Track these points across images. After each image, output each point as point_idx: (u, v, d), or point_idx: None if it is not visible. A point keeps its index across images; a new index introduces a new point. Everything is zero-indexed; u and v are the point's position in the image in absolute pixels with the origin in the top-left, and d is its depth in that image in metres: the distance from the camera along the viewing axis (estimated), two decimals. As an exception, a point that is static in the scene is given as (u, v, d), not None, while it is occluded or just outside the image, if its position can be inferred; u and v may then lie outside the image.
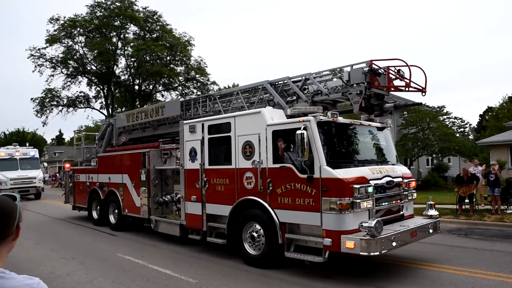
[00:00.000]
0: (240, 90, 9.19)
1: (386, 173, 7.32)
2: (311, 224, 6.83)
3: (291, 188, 7.01)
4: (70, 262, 8.16)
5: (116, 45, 38.52)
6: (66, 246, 9.96)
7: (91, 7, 36.91)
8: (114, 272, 7.42)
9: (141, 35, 39.36)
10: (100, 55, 36.46)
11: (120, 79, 40.49)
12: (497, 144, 25.08)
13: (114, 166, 11.89)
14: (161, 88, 42.57)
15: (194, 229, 9.03)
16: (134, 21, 37.70)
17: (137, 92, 41.39)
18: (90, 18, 37.17)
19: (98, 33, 38.01)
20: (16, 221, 1.48)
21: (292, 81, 8.30)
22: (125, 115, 12.58)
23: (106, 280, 6.90)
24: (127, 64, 39.49)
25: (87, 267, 7.81)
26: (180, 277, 6.95)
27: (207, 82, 41.21)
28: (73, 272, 7.43)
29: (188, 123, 9.10)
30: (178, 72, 40.76)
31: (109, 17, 36.97)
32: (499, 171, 14.21)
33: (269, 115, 7.56)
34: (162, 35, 39.03)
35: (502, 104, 47.16)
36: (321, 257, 6.63)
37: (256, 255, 7.61)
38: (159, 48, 36.48)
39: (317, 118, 6.81)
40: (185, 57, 39.75)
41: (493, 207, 13.22)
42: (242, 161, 7.83)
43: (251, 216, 7.73)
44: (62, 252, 9.21)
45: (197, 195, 8.79)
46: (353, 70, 7.41)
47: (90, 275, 7.18)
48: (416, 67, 7.14)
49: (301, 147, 6.55)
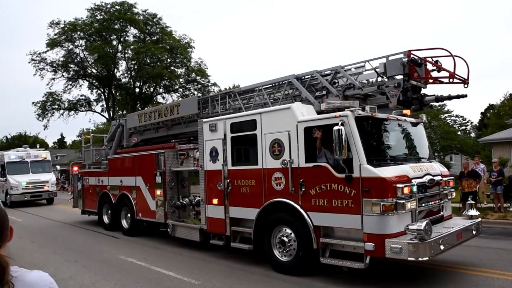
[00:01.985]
0: (262, 86, 8.67)
1: (427, 171, 6.83)
2: (350, 227, 6.32)
3: (327, 189, 6.50)
4: (73, 265, 8.12)
5: (116, 48, 38.49)
6: (69, 249, 9.88)
7: (91, 10, 36.87)
8: (117, 274, 7.39)
9: (141, 38, 39.34)
10: (101, 59, 36.43)
11: (120, 82, 40.56)
12: (499, 141, 24.78)
13: (126, 168, 11.37)
14: (161, 91, 42.64)
15: (215, 234, 8.52)
16: (134, 24, 37.66)
17: (138, 94, 41.36)
18: (90, 22, 37.10)
19: (98, 36, 37.90)
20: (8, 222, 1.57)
21: (320, 75, 7.79)
22: (137, 115, 12.04)
23: (109, 282, 6.86)
24: (128, 67, 39.47)
25: (89, 269, 7.76)
26: (182, 279, 6.90)
27: (207, 83, 41.23)
28: (76, 275, 7.38)
29: (208, 121, 8.59)
30: (179, 74, 40.78)
31: (109, 20, 36.91)
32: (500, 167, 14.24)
33: (300, 111, 7.05)
34: (162, 37, 38.99)
35: (504, 102, 46.72)
36: (362, 263, 6.12)
37: (287, 261, 7.09)
38: (159, 50, 36.44)
39: (356, 113, 6.31)
40: (186, 59, 39.81)
41: (495, 205, 13.19)
42: (270, 161, 7.31)
43: (281, 220, 7.21)
44: (65, 255, 9.17)
45: (219, 198, 8.27)
46: (390, 61, 6.91)
47: (93, 278, 7.14)
48: (458, 58, 6.63)
49: (339, 144, 6.05)
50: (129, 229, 11.27)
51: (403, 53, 6.80)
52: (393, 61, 6.87)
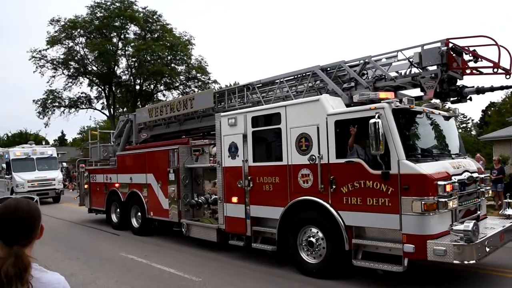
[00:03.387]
0: (284, 78, 8.21)
1: (465, 168, 6.41)
2: (386, 227, 5.90)
3: (360, 186, 6.07)
4: (74, 262, 8.13)
5: (116, 45, 38.16)
6: (70, 247, 9.86)
7: (91, 8, 36.54)
8: (118, 271, 7.40)
9: (141, 35, 38.95)
10: (101, 56, 36.11)
11: (121, 79, 40.23)
12: (500, 139, 24.49)
13: (136, 165, 10.90)
14: (162, 88, 42.39)
15: (235, 234, 8.09)
16: (134, 21, 37.30)
17: (138, 92, 41.13)
18: (90, 19, 36.76)
19: (98, 33, 37.61)
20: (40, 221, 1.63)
21: (348, 66, 7.35)
22: (147, 110, 11.57)
23: (110, 279, 6.90)
24: (128, 64, 39.11)
25: (91, 266, 7.77)
26: (183, 276, 6.89)
27: (208, 81, 40.88)
28: (78, 272, 7.38)
29: (226, 115, 8.14)
30: (179, 71, 40.54)
31: (109, 17, 36.52)
32: None
33: (329, 103, 6.61)
34: (163, 34, 38.64)
35: (505, 99, 46.31)
36: (401, 266, 5.70)
37: (315, 263, 6.67)
38: (160, 48, 36.15)
39: (393, 105, 5.88)
40: (186, 56, 39.50)
41: (496, 203, 12.98)
42: (296, 157, 6.88)
43: (309, 219, 6.78)
44: (67, 252, 9.17)
45: (239, 196, 7.84)
46: (426, 51, 6.47)
47: (94, 275, 7.18)
48: (502, 47, 6.19)
49: (376, 138, 5.62)
50: (140, 229, 10.82)
51: (441, 41, 6.37)
52: (429, 50, 6.44)
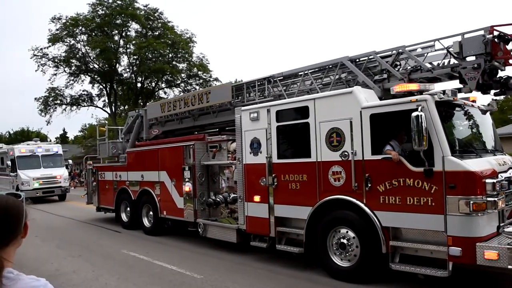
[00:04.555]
0: (309, 70, 7.76)
1: (510, 165, 6.00)
2: (428, 229, 5.48)
3: (400, 185, 5.64)
4: (76, 259, 8.14)
5: (118, 43, 38.01)
6: (72, 244, 9.85)
7: (92, 5, 36.34)
8: (120, 268, 7.42)
9: (142, 33, 38.81)
10: (102, 53, 35.97)
11: (122, 77, 40.05)
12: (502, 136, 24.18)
13: (148, 162, 10.46)
14: (163, 86, 42.21)
15: (257, 235, 7.66)
16: (136, 19, 37.10)
17: (139, 89, 40.95)
18: (92, 17, 36.55)
19: (100, 31, 37.40)
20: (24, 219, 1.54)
21: (379, 56, 6.91)
22: (160, 105, 11.11)
23: (112, 276, 6.89)
24: (129, 62, 39.04)
25: (93, 264, 7.79)
26: (185, 273, 6.90)
27: (209, 78, 40.71)
28: (79, 269, 7.40)
29: (248, 109, 7.70)
30: (180, 69, 40.36)
31: (110, 15, 36.35)
32: None
33: (363, 96, 6.18)
34: (164, 32, 38.50)
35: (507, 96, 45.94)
36: (445, 270, 5.29)
37: (347, 267, 6.24)
38: (161, 45, 36.00)
39: (436, 96, 5.46)
40: (187, 54, 39.37)
41: None
42: (326, 153, 6.44)
43: (340, 220, 6.36)
44: (68, 249, 9.18)
45: (262, 195, 7.41)
46: (467, 40, 6.02)
47: (96, 272, 7.18)
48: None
49: (419, 133, 5.20)
50: (152, 228, 10.39)
51: (484, 29, 5.92)
52: (471, 38, 5.98)
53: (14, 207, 1.52)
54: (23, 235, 1.55)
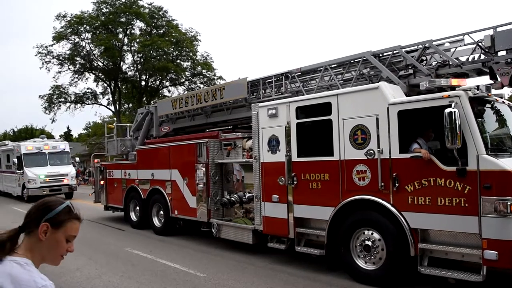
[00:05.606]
0: (329, 65, 7.50)
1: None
2: (460, 231, 5.23)
3: (430, 185, 5.39)
4: (80, 257, 8.03)
5: (122, 41, 37.99)
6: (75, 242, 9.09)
7: (97, 3, 36.26)
8: (123, 266, 7.43)
9: (147, 31, 38.81)
10: (107, 51, 35.98)
11: (126, 75, 40.02)
12: None
13: (159, 160, 10.22)
14: (168, 84, 42.13)
15: (274, 236, 7.42)
16: (140, 17, 37.06)
17: (143, 87, 40.91)
18: (96, 15, 36.55)
19: (104, 29, 37.39)
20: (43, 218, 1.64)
21: (405, 51, 6.65)
22: (171, 101, 10.86)
23: (115, 274, 6.91)
24: (134, 60, 39.04)
25: (96, 262, 7.79)
26: (188, 271, 6.92)
27: (213, 77, 40.48)
28: (83, 267, 7.40)
29: (266, 105, 7.45)
30: (185, 67, 40.19)
31: (115, 13, 36.35)
32: None
33: (390, 92, 5.93)
34: (168, 30, 38.42)
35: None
36: (479, 275, 5.03)
37: (372, 270, 5.99)
38: (165, 43, 36.00)
39: (470, 92, 5.20)
40: (192, 52, 39.21)
41: None
42: (350, 151, 6.19)
43: (365, 221, 6.11)
44: None
45: (280, 194, 7.16)
46: (500, 33, 5.76)
47: (100, 270, 7.22)
48: None
49: (452, 131, 4.95)
50: (163, 228, 10.16)
51: (518, 22, 5.66)
52: (504, 32, 5.73)
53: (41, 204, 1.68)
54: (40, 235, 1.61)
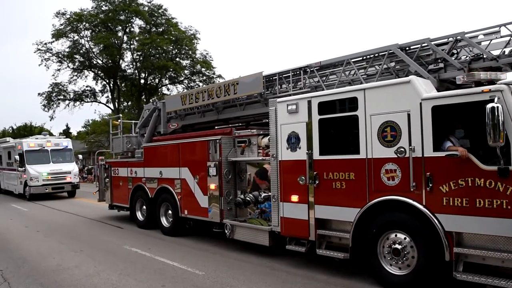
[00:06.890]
0: (351, 59, 7.14)
1: None
2: (501, 234, 4.89)
3: (467, 185, 5.04)
4: (78, 255, 8.16)
5: (121, 39, 37.96)
6: (74, 239, 9.83)
7: (96, 1, 36.29)
8: (122, 264, 7.42)
9: (146, 29, 38.72)
10: (106, 49, 35.99)
11: (126, 73, 40.14)
12: None
13: (168, 158, 9.85)
14: (167, 82, 42.19)
15: (293, 238, 7.06)
16: (139, 15, 37.05)
17: (143, 86, 40.91)
18: (96, 13, 36.54)
19: (104, 27, 37.40)
20: None
21: (434, 44, 6.30)
22: (180, 97, 10.47)
23: (114, 272, 6.92)
24: (133, 58, 39.02)
25: (94, 259, 7.79)
26: (187, 269, 6.94)
27: (213, 75, 40.61)
28: (81, 264, 7.43)
29: (285, 101, 7.09)
30: (184, 65, 40.27)
31: (114, 11, 36.30)
32: None
33: (422, 86, 5.58)
34: (168, 28, 38.39)
35: None
36: (522, 282, 4.70)
37: (402, 275, 5.65)
38: (164, 42, 36.03)
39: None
40: (191, 51, 39.35)
41: None
42: (378, 149, 5.84)
43: (394, 223, 5.76)
44: (71, 244, 9.18)
45: (300, 194, 6.80)
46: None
47: (98, 267, 7.22)
48: None
49: (495, 127, 4.61)
50: (171, 228, 9.79)
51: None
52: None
53: None
54: None
